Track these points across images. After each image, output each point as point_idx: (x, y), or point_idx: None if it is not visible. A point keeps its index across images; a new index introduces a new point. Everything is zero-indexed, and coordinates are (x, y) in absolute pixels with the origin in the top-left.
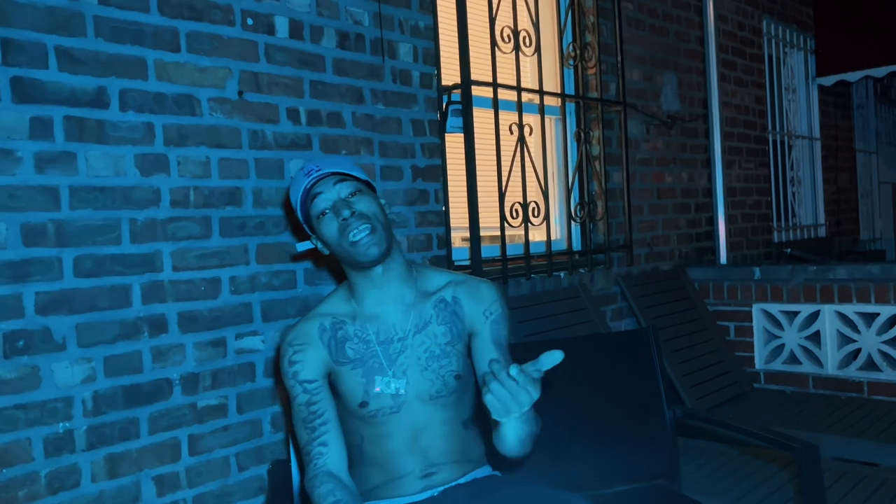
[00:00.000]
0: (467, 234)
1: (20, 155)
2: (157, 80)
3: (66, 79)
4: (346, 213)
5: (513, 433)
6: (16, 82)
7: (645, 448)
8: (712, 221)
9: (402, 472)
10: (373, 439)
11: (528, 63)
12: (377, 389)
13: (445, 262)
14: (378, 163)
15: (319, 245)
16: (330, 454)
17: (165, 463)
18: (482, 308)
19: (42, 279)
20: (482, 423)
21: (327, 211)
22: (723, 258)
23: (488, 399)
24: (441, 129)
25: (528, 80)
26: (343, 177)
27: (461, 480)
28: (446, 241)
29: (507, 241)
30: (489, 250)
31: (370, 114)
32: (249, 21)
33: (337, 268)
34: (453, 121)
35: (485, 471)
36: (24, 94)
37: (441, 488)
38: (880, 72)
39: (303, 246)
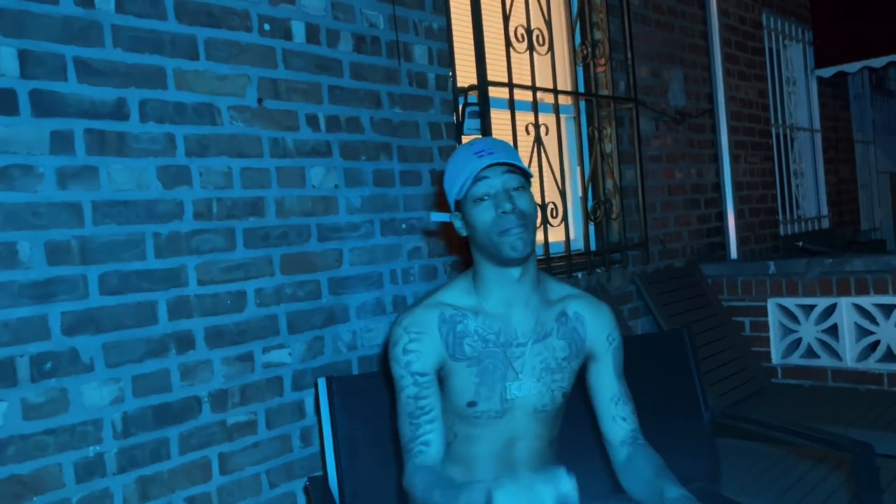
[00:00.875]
0: None
1: (41, 171)
2: (176, 89)
3: (85, 90)
4: (507, 206)
5: None
6: (35, 95)
7: (684, 450)
8: (722, 217)
9: (484, 476)
10: (467, 439)
11: (538, 62)
12: (510, 393)
13: (465, 266)
14: (397, 168)
15: (459, 224)
16: (431, 453)
17: (196, 483)
18: (605, 332)
19: (67, 298)
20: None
21: (488, 197)
22: (733, 253)
23: None
24: (458, 132)
25: (540, 80)
26: (511, 167)
27: None
28: (466, 245)
29: None
30: None
31: (388, 118)
32: (266, 26)
33: (370, 277)
34: (470, 122)
35: None
36: (43, 107)
37: None
38: (879, 62)
39: (439, 217)
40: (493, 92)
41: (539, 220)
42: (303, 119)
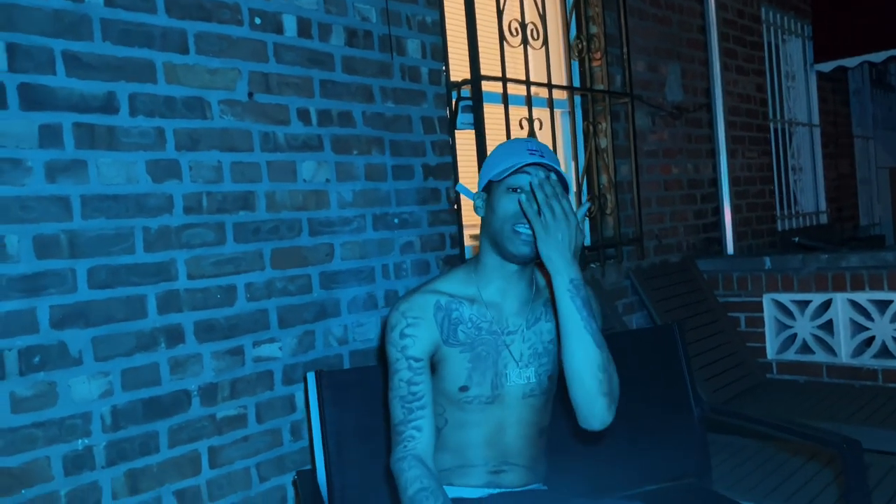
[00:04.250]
0: (476, 232)
1: (30, 164)
2: (166, 83)
3: (74, 84)
4: (533, 206)
5: (583, 357)
6: (23, 89)
7: (675, 446)
8: (718, 212)
9: (475, 462)
10: (457, 425)
11: (532, 57)
12: (509, 379)
13: (459, 261)
14: (389, 162)
15: (480, 203)
16: (422, 439)
17: (186, 477)
18: None
19: (56, 292)
20: (550, 437)
21: (521, 191)
22: (730, 248)
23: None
24: (451, 126)
25: (534, 74)
26: (552, 174)
27: (517, 490)
28: (459, 240)
29: None
30: None
31: (380, 112)
32: (258, 20)
33: (362, 271)
34: (464, 117)
35: (538, 486)
36: (32, 101)
37: (502, 490)
38: (878, 57)
39: (464, 190)
40: (488, 86)
41: None
42: (294, 113)
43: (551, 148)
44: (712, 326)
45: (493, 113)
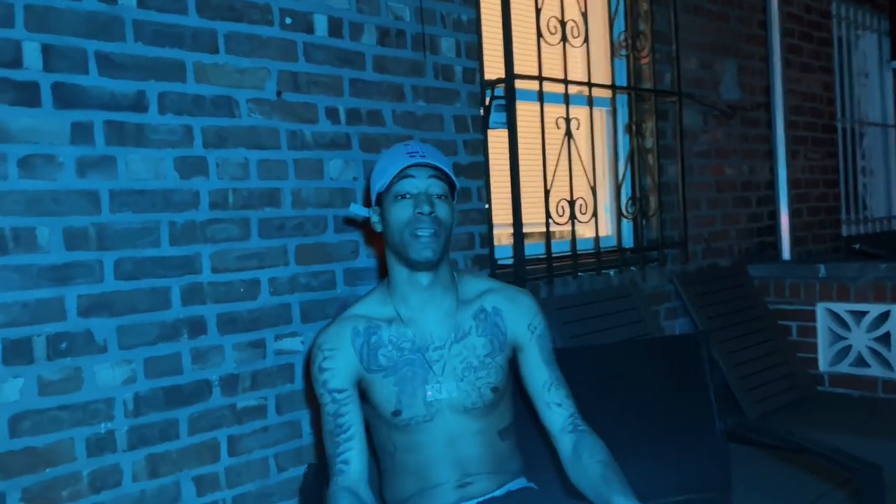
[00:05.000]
0: (510, 231)
1: (62, 160)
2: (195, 82)
3: (106, 83)
4: (426, 208)
5: None
6: (57, 88)
7: (695, 459)
8: (774, 215)
9: (437, 481)
10: (407, 448)
11: (575, 54)
12: (429, 395)
13: (488, 260)
14: None
15: (375, 219)
16: (351, 471)
17: (205, 463)
18: (526, 321)
19: (84, 282)
20: (518, 434)
21: (409, 196)
22: (786, 254)
23: None
24: (484, 125)
25: (577, 72)
26: (438, 174)
27: (497, 493)
28: (489, 240)
29: (556, 237)
30: (535, 248)
31: (411, 111)
32: (288, 20)
33: (380, 268)
34: (497, 116)
35: (520, 482)
36: (65, 99)
37: (476, 500)
38: None
39: (358, 209)
40: (528, 85)
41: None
42: (322, 112)
43: (590, 148)
44: (761, 334)
45: (530, 111)
